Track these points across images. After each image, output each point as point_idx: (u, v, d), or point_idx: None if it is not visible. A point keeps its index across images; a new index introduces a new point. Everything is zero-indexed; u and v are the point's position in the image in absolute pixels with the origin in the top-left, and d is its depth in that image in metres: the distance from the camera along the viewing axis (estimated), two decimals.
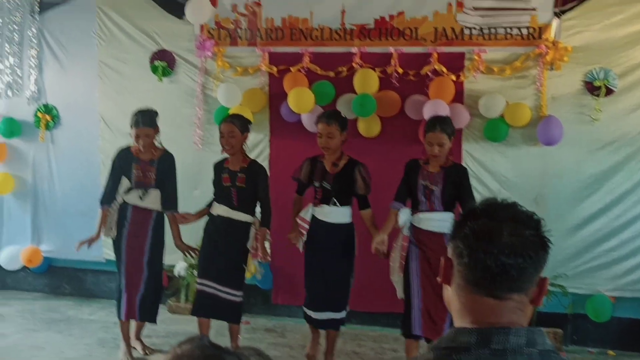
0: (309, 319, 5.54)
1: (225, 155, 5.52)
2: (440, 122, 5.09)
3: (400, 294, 5.25)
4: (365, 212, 5.44)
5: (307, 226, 5.41)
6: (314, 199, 5.45)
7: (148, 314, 5.71)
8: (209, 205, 5.59)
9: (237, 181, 5.44)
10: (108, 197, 5.66)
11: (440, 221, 5.07)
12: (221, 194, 5.49)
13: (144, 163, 5.60)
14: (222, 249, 5.44)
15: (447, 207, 5.11)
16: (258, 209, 5.57)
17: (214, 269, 5.44)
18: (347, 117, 5.49)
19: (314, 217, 5.42)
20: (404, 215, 5.16)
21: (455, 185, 5.08)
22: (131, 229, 5.60)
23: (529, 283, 1.53)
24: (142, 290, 5.60)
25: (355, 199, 5.45)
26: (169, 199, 5.66)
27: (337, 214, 5.38)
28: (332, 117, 5.36)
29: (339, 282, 5.41)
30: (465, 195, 5.06)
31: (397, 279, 5.25)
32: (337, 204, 5.36)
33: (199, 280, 5.54)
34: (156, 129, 5.59)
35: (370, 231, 5.41)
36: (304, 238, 5.44)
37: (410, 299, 5.11)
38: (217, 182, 5.52)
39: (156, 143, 5.65)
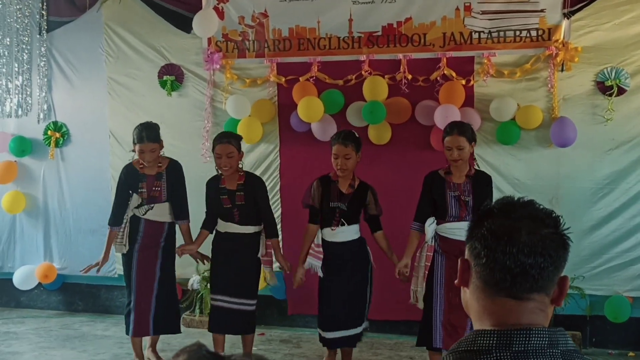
0: (324, 341, 5.42)
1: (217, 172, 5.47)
2: (457, 126, 5.05)
3: (421, 304, 5.13)
4: (378, 234, 5.36)
5: (321, 250, 5.30)
6: (326, 222, 5.31)
7: (167, 326, 5.68)
8: (205, 226, 5.53)
9: (237, 200, 5.39)
10: (116, 219, 5.61)
11: None
12: (223, 214, 5.45)
13: (151, 178, 5.57)
14: (234, 261, 5.41)
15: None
16: None
17: (227, 283, 5.40)
18: (360, 138, 5.37)
19: (324, 241, 5.33)
20: (429, 227, 5.05)
21: (483, 196, 4.94)
22: (143, 241, 5.57)
23: (550, 282, 1.49)
24: (154, 305, 5.55)
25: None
26: (180, 209, 5.65)
27: (346, 233, 5.31)
28: (349, 138, 5.21)
29: (355, 298, 5.33)
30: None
31: (419, 289, 5.12)
32: (345, 224, 5.29)
33: (212, 296, 5.51)
34: (161, 144, 5.56)
35: (386, 254, 5.35)
36: (318, 263, 5.31)
37: (432, 310, 5.00)
38: (216, 204, 5.45)
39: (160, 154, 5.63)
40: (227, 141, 5.33)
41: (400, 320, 6.48)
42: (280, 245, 6.27)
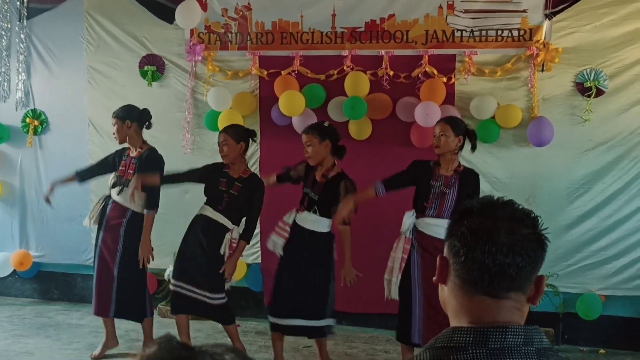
0: (276, 327, 5.37)
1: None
2: (448, 117, 5.21)
3: (394, 294, 5.13)
4: (343, 228, 5.25)
5: (288, 229, 5.35)
6: (300, 204, 5.38)
7: (129, 313, 5.70)
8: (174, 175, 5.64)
9: (233, 189, 5.42)
10: (84, 171, 5.91)
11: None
12: (212, 196, 5.47)
13: (129, 159, 5.67)
14: (202, 252, 5.41)
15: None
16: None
17: (192, 272, 5.42)
18: (331, 128, 5.36)
19: (294, 223, 5.36)
20: (407, 220, 5.09)
21: (469, 193, 5.02)
22: (107, 224, 5.66)
23: (527, 282, 1.52)
24: (116, 289, 5.58)
25: None
26: (148, 197, 5.56)
27: (316, 223, 5.31)
28: (312, 127, 5.35)
29: (314, 290, 5.28)
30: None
31: (394, 279, 5.12)
32: (317, 212, 5.29)
33: (174, 281, 5.51)
34: (126, 123, 5.61)
35: (344, 248, 5.27)
36: (281, 242, 5.36)
37: (411, 306, 5.02)
38: (212, 184, 5.49)
39: (143, 139, 5.74)
40: (223, 130, 5.53)
41: (376, 313, 6.52)
42: (259, 238, 6.36)
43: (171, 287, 5.54)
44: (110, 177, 5.75)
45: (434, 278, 1.61)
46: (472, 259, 1.49)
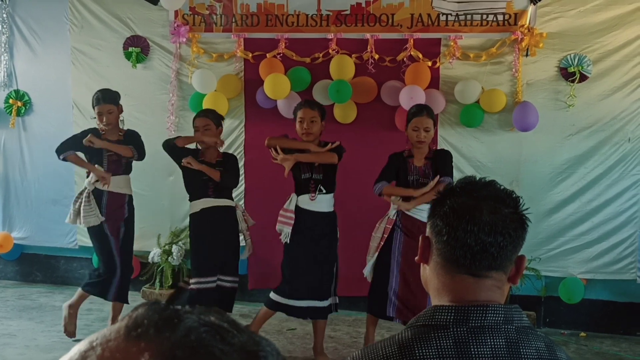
0: (278, 306, 5.33)
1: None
2: (427, 108, 5.20)
3: (368, 273, 5.25)
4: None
5: (293, 216, 5.28)
6: (304, 191, 5.29)
7: (123, 295, 5.79)
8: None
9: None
10: (63, 147, 5.61)
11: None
12: (197, 187, 5.50)
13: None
14: (215, 240, 5.45)
15: None
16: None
17: (213, 264, 5.46)
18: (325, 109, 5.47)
19: (298, 208, 5.30)
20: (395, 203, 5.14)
21: (440, 166, 5.13)
22: (108, 213, 5.63)
23: (508, 261, 1.54)
24: (119, 274, 5.67)
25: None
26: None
27: (322, 203, 5.30)
28: (315, 103, 5.36)
29: (324, 271, 5.32)
30: (444, 170, 5.07)
31: (369, 257, 5.24)
32: (324, 190, 5.28)
33: (195, 279, 5.51)
34: (119, 108, 5.65)
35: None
36: (288, 229, 5.27)
37: (388, 281, 5.12)
38: (193, 174, 5.47)
39: (120, 125, 5.72)
40: (204, 114, 5.57)
41: (359, 296, 6.53)
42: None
43: (193, 286, 5.50)
44: (91, 174, 5.63)
45: (416, 258, 1.62)
46: (454, 238, 1.51)
